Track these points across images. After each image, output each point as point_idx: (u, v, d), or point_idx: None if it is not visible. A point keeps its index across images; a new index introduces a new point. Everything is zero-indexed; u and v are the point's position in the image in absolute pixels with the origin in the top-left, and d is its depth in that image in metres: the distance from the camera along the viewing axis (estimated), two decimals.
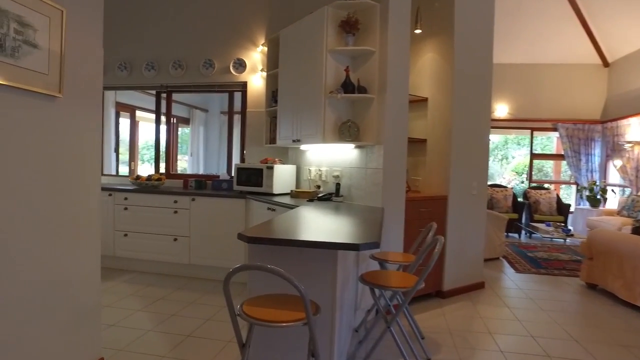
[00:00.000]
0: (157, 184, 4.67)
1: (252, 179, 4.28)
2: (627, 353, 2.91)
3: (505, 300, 3.99)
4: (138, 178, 4.70)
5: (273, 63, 4.54)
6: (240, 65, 4.86)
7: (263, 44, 4.76)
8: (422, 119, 4.36)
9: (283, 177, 4.26)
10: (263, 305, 1.73)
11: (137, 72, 5.21)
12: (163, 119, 5.34)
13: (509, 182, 11.17)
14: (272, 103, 4.54)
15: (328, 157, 4.07)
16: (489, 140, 4.43)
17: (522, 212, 7.57)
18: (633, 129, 7.16)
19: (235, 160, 5.18)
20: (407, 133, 3.64)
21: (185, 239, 4.38)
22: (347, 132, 3.60)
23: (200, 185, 4.82)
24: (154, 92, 5.32)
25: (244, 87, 4.90)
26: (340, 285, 2.12)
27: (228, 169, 5.10)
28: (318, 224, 2.44)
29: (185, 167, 8.65)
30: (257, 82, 4.84)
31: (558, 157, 9.09)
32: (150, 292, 3.94)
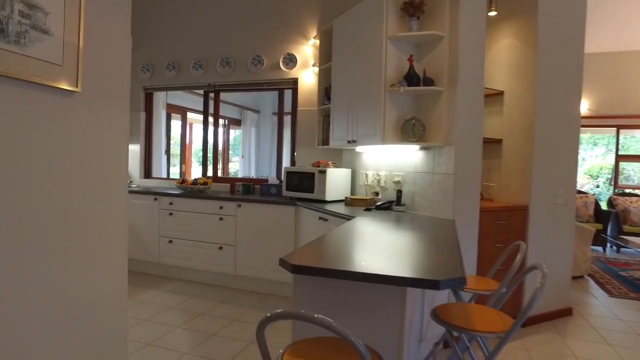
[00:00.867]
0: (202, 189, 4.41)
1: (302, 184, 3.90)
2: None
3: (603, 334, 3.31)
4: (184, 182, 4.47)
5: (326, 56, 4.14)
6: (291, 61, 4.50)
7: (315, 37, 4.38)
8: (496, 116, 3.77)
9: (337, 182, 3.84)
10: (310, 357, 1.31)
11: (184, 71, 5.01)
12: (211, 120, 5.09)
13: (582, 186, 10.08)
14: (324, 100, 4.13)
15: (388, 160, 3.60)
16: (579, 141, 3.75)
17: (607, 222, 6.64)
18: None
19: (286, 163, 4.83)
20: (482, 132, 3.09)
21: (231, 248, 4.08)
22: (410, 131, 3.11)
23: (248, 190, 4.51)
24: (202, 92, 5.09)
25: (295, 84, 4.54)
26: (408, 326, 1.65)
27: (277, 173, 4.76)
28: (380, 245, 1.99)
29: (238, 169, 8.49)
30: (308, 78, 4.46)
31: None
32: (193, 305, 3.66)
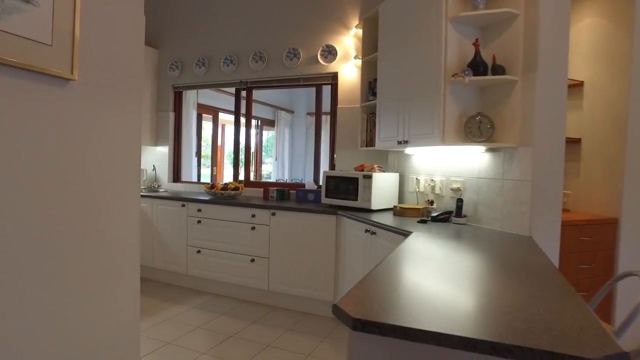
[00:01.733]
0: (233, 194, 4.04)
1: (344, 190, 3.45)
2: None
3: None
4: (213, 187, 4.11)
5: (370, 47, 3.68)
6: (330, 53, 4.07)
7: (357, 26, 3.93)
8: (573, 111, 3.21)
9: (384, 188, 3.37)
10: None
11: (215, 67, 4.67)
12: (243, 121, 4.72)
13: None
14: (369, 96, 3.68)
15: (444, 163, 3.10)
16: None
17: None
18: None
19: (324, 167, 4.40)
20: (564, 130, 2.55)
21: (264, 261, 3.68)
22: (476, 129, 2.61)
23: (283, 196, 4.11)
24: (234, 90, 4.73)
25: (334, 78, 4.10)
26: None
27: (315, 177, 4.33)
28: (462, 278, 1.51)
29: (270, 171, 8.14)
30: (350, 72, 4.01)
31: None
32: (222, 324, 3.28)
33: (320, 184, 4.13)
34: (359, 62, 3.87)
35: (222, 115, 6.56)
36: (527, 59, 2.43)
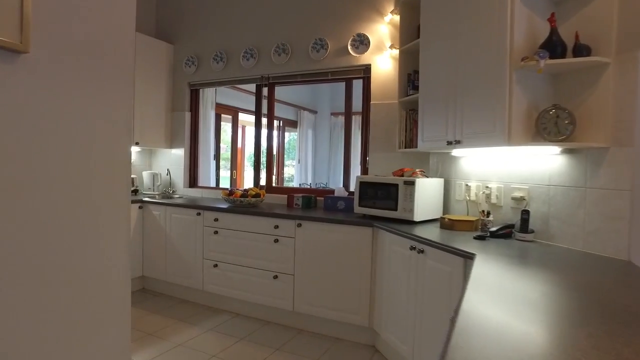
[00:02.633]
0: (254, 202, 3.61)
1: (381, 199, 2.98)
2: None
3: None
4: (231, 193, 3.69)
5: (409, 34, 3.21)
6: (362, 43, 3.61)
7: (393, 11, 3.46)
8: None
9: (428, 196, 2.89)
10: None
11: (234, 62, 4.27)
12: (264, 122, 4.30)
13: None
14: (408, 90, 3.20)
15: (502, 166, 2.61)
16: None
17: None
18: None
19: (355, 171, 3.94)
20: None
21: (289, 278, 3.24)
22: (552, 126, 2.11)
23: (309, 204, 3.66)
24: (254, 87, 4.31)
25: (367, 71, 3.64)
26: None
27: (345, 182, 3.87)
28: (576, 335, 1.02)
29: (292, 174, 7.73)
30: (384, 64, 3.54)
31: None
32: (239, 352, 2.84)
33: (352, 191, 3.68)
34: (396, 52, 3.41)
35: (241, 116, 6.18)
36: (623, 35, 1.92)
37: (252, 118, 5.12)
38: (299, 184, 7.12)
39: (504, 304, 1.21)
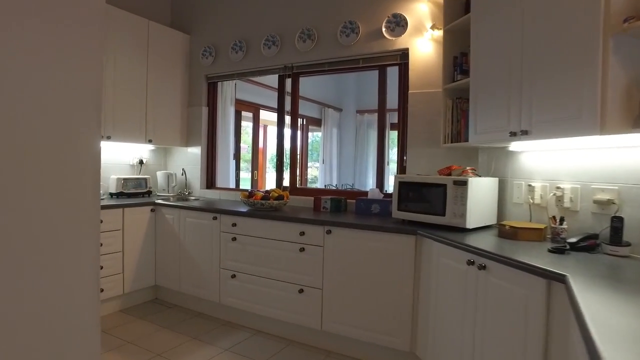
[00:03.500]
0: (276, 204, 3.22)
1: (425, 202, 2.54)
2: None
3: None
4: (251, 195, 3.31)
5: (455, 11, 2.77)
6: (398, 25, 3.17)
7: None
8: None
9: (481, 199, 2.44)
10: None
11: (254, 51, 3.89)
12: (288, 122, 3.91)
13: None
14: (455, 75, 2.75)
15: (578, 162, 2.13)
16: None
17: None
18: None
19: (389, 171, 3.50)
20: None
21: (316, 293, 2.82)
22: None
23: (339, 207, 3.24)
24: (277, 80, 3.92)
25: (404, 57, 3.20)
26: None
27: (378, 183, 3.43)
28: None
29: (316, 175, 7.33)
30: (424, 47, 3.10)
31: None
32: None
33: (388, 192, 3.24)
34: (439, 33, 2.97)
35: (263, 115, 5.81)
36: None
37: (274, 117, 4.77)
38: (324, 186, 6.71)
39: None
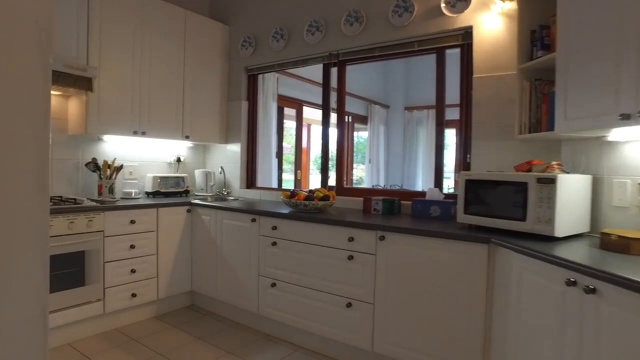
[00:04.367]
0: (321, 206, 2.87)
1: (500, 203, 2.11)
2: None
3: None
4: (293, 195, 2.98)
5: None
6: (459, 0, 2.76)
7: None
8: None
9: (572, 200, 1.98)
10: None
11: (296, 39, 3.58)
12: (333, 121, 3.57)
13: None
14: (534, 52, 2.30)
15: None
16: None
17: None
18: None
19: (446, 168, 3.07)
20: None
21: (367, 308, 2.45)
22: None
23: (392, 209, 2.85)
24: (321, 74, 3.59)
25: (467, 36, 2.77)
26: None
27: (437, 182, 3.00)
28: None
29: (361, 176, 6.95)
30: (492, 23, 2.66)
31: None
32: None
33: (449, 193, 2.83)
34: (509, 4, 2.52)
35: (306, 113, 5.50)
36: None
37: (317, 115, 4.42)
38: (372, 186, 6.32)
39: None
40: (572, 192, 1.97)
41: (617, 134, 1.95)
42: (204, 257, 3.36)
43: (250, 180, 4.08)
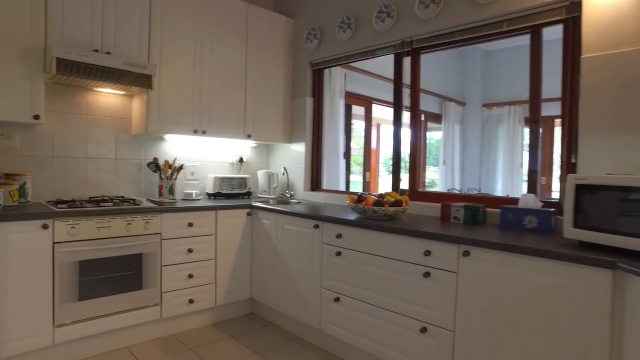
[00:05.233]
0: (393, 212, 2.52)
1: (624, 216, 1.63)
2: None
3: None
4: (361, 199, 2.66)
5: None
6: None
7: None
8: None
9: None
10: None
11: (364, 27, 3.26)
12: (406, 121, 3.20)
13: None
14: None
15: None
16: None
17: None
18: None
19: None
20: None
21: (445, 335, 2.07)
22: None
23: (476, 217, 2.43)
24: (392, 67, 3.23)
25: (573, 8, 2.28)
26: None
27: (530, 187, 2.51)
28: None
29: (433, 178, 6.45)
30: None
31: None
32: None
33: (550, 200, 2.35)
34: None
35: (375, 113, 5.15)
36: None
37: (387, 115, 4.05)
38: (448, 190, 5.82)
39: None
40: None
41: None
42: (264, 263, 3.14)
43: (315, 182, 3.82)
